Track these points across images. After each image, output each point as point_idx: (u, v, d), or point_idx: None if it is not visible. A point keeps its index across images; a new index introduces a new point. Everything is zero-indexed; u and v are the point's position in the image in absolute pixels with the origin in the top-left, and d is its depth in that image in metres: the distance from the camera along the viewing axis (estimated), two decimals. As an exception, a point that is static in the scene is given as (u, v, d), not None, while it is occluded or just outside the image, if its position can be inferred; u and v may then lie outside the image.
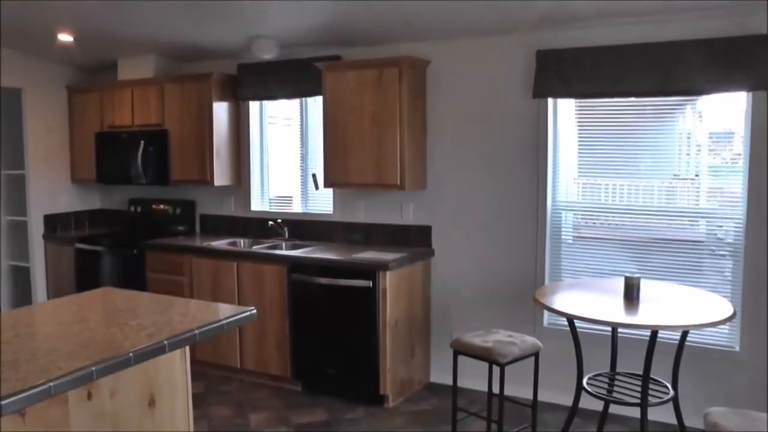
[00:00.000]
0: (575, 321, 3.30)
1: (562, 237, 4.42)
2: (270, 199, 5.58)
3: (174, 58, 5.58)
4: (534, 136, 4.38)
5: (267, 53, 4.92)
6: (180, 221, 5.75)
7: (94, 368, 2.21)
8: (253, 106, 5.47)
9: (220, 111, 5.26)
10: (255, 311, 2.94)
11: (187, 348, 2.90)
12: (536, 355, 3.69)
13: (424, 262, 4.74)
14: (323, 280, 4.48)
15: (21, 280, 6.08)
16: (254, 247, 5.12)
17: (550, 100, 4.31)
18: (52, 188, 5.95)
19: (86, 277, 5.56)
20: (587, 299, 3.61)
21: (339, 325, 4.48)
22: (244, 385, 4.82)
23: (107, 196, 6.38)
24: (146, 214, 5.93)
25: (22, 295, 6.12)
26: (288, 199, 5.49)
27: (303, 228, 5.29)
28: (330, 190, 5.12)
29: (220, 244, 5.16)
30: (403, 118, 4.47)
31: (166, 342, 2.49)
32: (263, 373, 4.82)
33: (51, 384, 2.05)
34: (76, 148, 5.98)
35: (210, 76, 5.16)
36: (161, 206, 5.84)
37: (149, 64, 5.47)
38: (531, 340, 3.71)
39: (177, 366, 2.89)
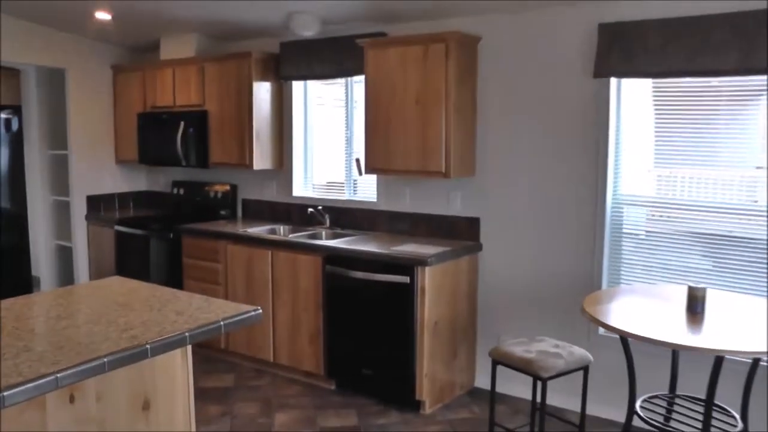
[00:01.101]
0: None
1: (624, 234, 3.93)
2: (315, 185, 5.30)
3: (216, 37, 5.36)
4: (595, 121, 3.91)
5: (307, 30, 4.61)
6: (222, 205, 5.56)
7: (58, 375, 1.98)
8: (297, 86, 5.18)
9: (261, 91, 5.00)
10: (260, 311, 2.68)
11: (189, 346, 2.66)
12: (585, 369, 3.27)
13: (471, 257, 4.36)
14: (359, 274, 4.16)
15: (66, 260, 6.05)
16: (291, 235, 4.86)
17: (613, 80, 3.82)
18: (95, 169, 5.87)
19: (125, 260, 5.47)
20: (644, 311, 3.15)
21: (375, 322, 4.16)
22: (275, 380, 4.58)
23: (153, 177, 6.27)
24: (189, 197, 5.78)
25: (64, 275, 6.12)
26: (334, 186, 5.18)
27: (346, 216, 4.99)
28: (374, 177, 4.80)
29: (258, 230, 4.92)
30: (449, 99, 4.07)
31: (148, 346, 2.25)
32: (296, 369, 4.57)
33: (4, 394, 1.83)
34: (120, 129, 5.88)
35: (249, 55, 4.90)
36: (204, 189, 5.67)
37: (191, 43, 5.27)
38: (579, 353, 3.29)
39: (177, 366, 2.65)
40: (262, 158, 5.05)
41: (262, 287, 4.63)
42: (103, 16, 4.83)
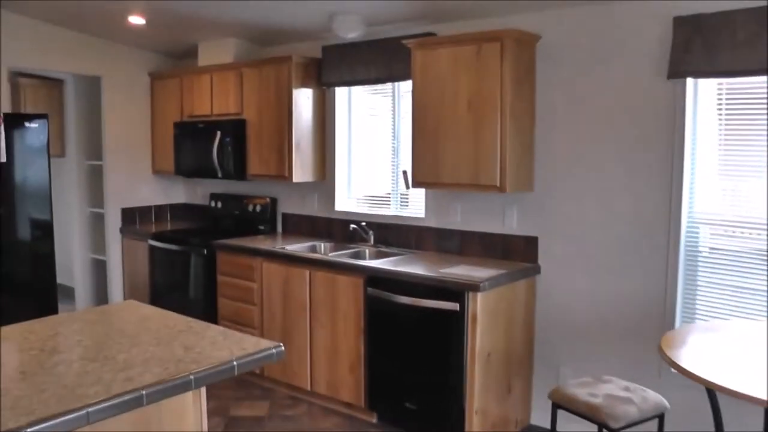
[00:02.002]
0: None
1: (700, 257, 3.43)
2: (359, 199, 4.93)
3: (256, 41, 5.07)
4: (669, 129, 3.43)
5: (351, 32, 4.27)
6: (261, 219, 5.24)
7: (28, 430, 1.66)
8: (340, 93, 4.84)
9: (302, 99, 4.68)
10: (282, 348, 2.33)
11: (203, 388, 2.32)
12: (660, 417, 2.80)
13: (528, 281, 3.91)
14: (403, 299, 3.77)
15: (102, 273, 5.86)
16: (332, 254, 4.50)
17: (689, 81, 3.34)
18: (131, 180, 5.65)
19: (159, 276, 5.21)
20: (732, 355, 2.64)
21: (421, 352, 3.76)
22: (312, 410, 4.22)
23: (191, 189, 6.02)
24: (227, 210, 5.49)
25: (100, 288, 5.94)
26: (379, 200, 4.79)
27: (391, 233, 4.60)
28: (422, 191, 4.41)
29: (296, 247, 4.58)
30: (504, 104, 3.66)
31: (143, 392, 1.91)
32: (335, 399, 4.20)
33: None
34: (157, 138, 5.65)
35: (289, 60, 4.58)
36: (242, 202, 5.38)
37: (229, 48, 4.99)
38: (654, 398, 2.82)
39: (188, 407, 2.30)
40: (302, 170, 4.72)
41: (299, 309, 4.29)
42: (136, 20, 4.59)
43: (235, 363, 2.17)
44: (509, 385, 3.83)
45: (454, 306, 3.55)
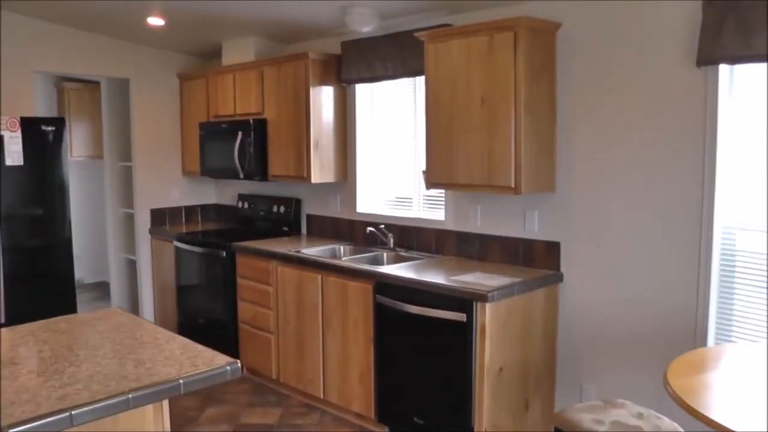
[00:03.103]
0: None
1: (737, 266, 3.08)
2: (382, 201, 4.74)
3: (276, 39, 4.96)
4: (701, 122, 3.09)
5: (364, 25, 4.09)
6: (285, 221, 5.14)
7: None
8: (361, 91, 4.67)
9: (320, 96, 4.53)
10: (238, 366, 2.21)
11: (165, 401, 2.20)
12: (674, 449, 2.51)
13: (548, 289, 3.64)
14: (411, 308, 3.56)
15: (135, 272, 5.90)
16: (350, 257, 4.36)
17: (722, 68, 3.00)
18: (161, 181, 5.65)
19: (184, 277, 5.19)
20: (759, 388, 2.31)
21: (430, 365, 3.55)
22: (324, 420, 4.07)
23: (221, 190, 5.98)
24: (253, 211, 5.42)
25: (132, 288, 6.02)
26: (402, 201, 4.60)
27: (412, 236, 4.40)
28: (443, 192, 4.19)
29: (314, 251, 4.43)
30: (519, 99, 3.39)
31: (71, 413, 1.81)
32: (346, 409, 4.04)
33: None
34: (186, 140, 5.62)
35: (306, 57, 4.44)
36: (268, 203, 5.29)
37: (250, 47, 4.90)
38: (669, 427, 2.53)
39: (148, 423, 2.19)
40: (321, 170, 4.58)
41: (312, 314, 4.15)
42: (156, 21, 4.55)
43: (181, 381, 2.04)
44: (526, 401, 3.57)
45: (461, 317, 3.33)
